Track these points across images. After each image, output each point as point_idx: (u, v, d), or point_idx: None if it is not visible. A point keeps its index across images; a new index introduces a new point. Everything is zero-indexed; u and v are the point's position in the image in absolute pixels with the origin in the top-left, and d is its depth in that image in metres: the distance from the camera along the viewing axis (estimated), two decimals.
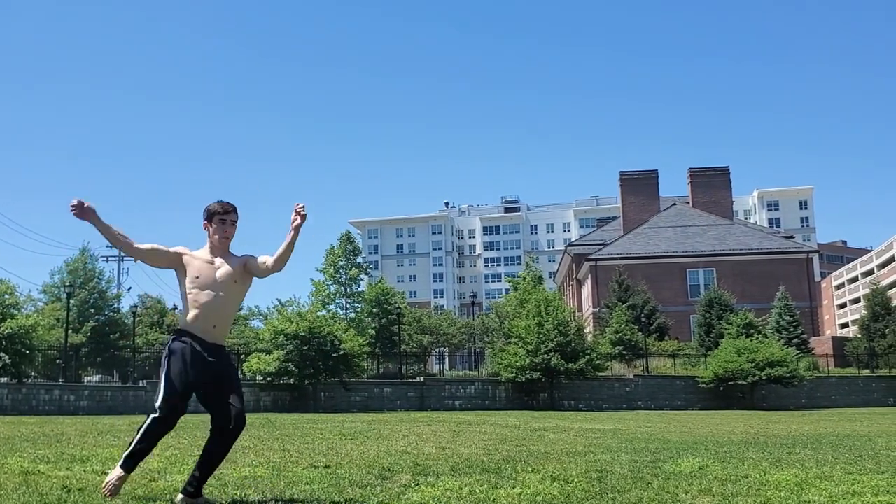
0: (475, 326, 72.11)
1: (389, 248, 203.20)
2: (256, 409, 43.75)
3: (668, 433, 20.44)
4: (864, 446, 15.36)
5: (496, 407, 46.84)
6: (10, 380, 38.96)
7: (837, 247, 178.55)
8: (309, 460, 11.60)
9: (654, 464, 11.48)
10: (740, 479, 9.54)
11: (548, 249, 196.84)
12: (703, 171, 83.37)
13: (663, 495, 8.02)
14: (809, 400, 50.91)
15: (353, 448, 14.12)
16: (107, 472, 9.53)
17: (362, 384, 48.24)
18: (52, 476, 9.17)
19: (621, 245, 76.11)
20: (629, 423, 26.71)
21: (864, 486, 8.93)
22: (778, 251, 73.90)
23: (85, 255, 68.29)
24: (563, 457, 12.61)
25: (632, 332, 57.48)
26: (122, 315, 68.91)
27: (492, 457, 12.49)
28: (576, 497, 7.85)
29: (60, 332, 47.38)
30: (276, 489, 8.14)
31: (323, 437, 17.14)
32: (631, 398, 49.20)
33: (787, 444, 15.78)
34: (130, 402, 41.86)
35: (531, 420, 27.49)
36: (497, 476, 9.60)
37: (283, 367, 43.90)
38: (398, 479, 9.12)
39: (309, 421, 27.57)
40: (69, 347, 47.77)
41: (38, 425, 22.46)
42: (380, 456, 12.47)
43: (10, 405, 37.71)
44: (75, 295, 56.73)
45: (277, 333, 44.83)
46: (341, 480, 8.92)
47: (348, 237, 69.05)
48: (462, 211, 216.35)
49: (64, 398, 40.11)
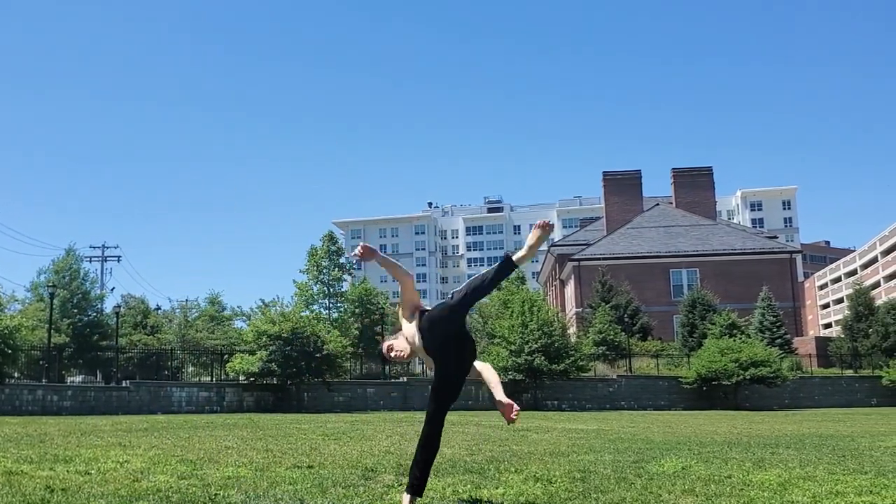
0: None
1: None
2: (240, 409, 43.74)
3: (651, 433, 20.49)
4: (848, 446, 15.42)
5: (479, 407, 46.75)
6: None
7: (821, 247, 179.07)
8: (292, 460, 11.60)
9: (638, 464, 11.51)
10: (723, 479, 9.58)
11: None
12: (686, 172, 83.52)
13: (646, 495, 8.05)
14: (793, 400, 51.06)
15: (336, 448, 14.12)
16: (89, 472, 9.54)
17: (345, 384, 48.21)
18: (36, 476, 9.15)
19: (604, 245, 76.19)
20: (612, 424, 26.77)
21: (848, 486, 8.97)
22: (761, 251, 74.04)
23: (71, 255, 68.05)
24: (546, 457, 12.63)
25: (615, 332, 57.58)
26: (106, 316, 68.66)
27: (475, 457, 12.51)
28: (559, 497, 7.87)
29: (44, 332, 47.21)
30: (260, 489, 8.15)
31: (306, 438, 17.13)
32: (614, 398, 49.25)
33: (770, 445, 15.84)
34: (113, 402, 41.72)
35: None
36: (480, 476, 9.61)
37: (267, 368, 43.87)
38: (381, 480, 9.14)
39: (292, 421, 27.56)
40: (52, 348, 47.57)
41: (21, 425, 22.40)
42: (363, 456, 12.48)
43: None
44: (58, 295, 56.49)
45: (260, 334, 44.79)
46: (324, 480, 8.93)
47: (331, 237, 69.07)
48: (445, 211, 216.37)
49: (47, 398, 39.95)
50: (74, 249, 69.06)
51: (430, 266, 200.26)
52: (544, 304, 52.01)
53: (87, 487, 8.14)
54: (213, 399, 44.19)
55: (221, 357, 50.31)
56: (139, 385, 43.76)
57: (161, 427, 21.70)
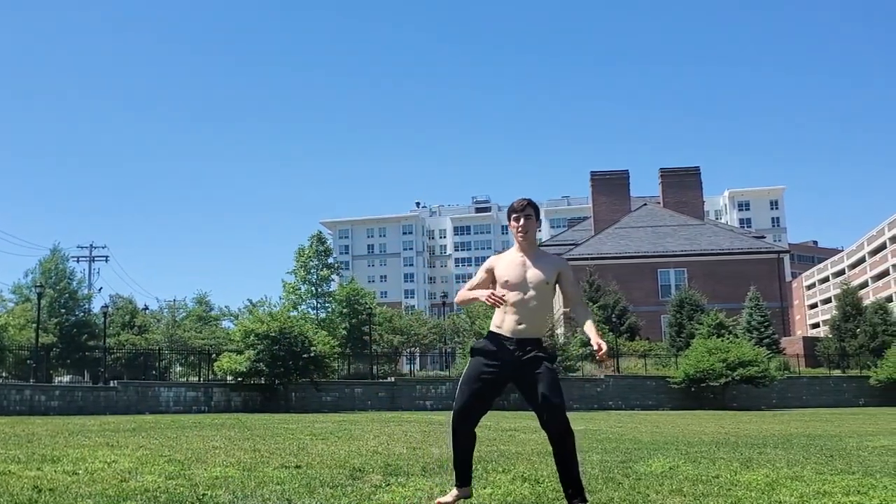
0: (446, 327, 71.99)
1: (360, 248, 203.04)
2: (227, 409, 43.69)
3: (638, 433, 20.51)
4: (835, 446, 15.45)
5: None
6: None
7: (808, 247, 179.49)
8: (280, 460, 11.59)
9: (625, 464, 11.52)
10: (711, 479, 9.58)
11: None
12: (674, 172, 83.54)
13: (634, 495, 8.06)
14: (780, 400, 51.13)
15: (324, 448, 14.11)
16: (77, 472, 9.52)
17: (333, 384, 48.13)
18: (23, 476, 9.14)
19: (592, 245, 76.16)
20: (600, 424, 26.78)
21: (835, 486, 8.97)
22: (749, 251, 74.08)
23: (56, 256, 67.90)
24: (533, 457, 12.63)
25: (602, 332, 57.56)
26: (94, 315, 68.51)
27: None
28: (546, 497, 7.88)
29: (31, 333, 47.09)
30: (247, 489, 8.13)
31: (294, 437, 17.12)
32: (602, 398, 49.27)
33: (757, 445, 15.86)
34: (101, 402, 41.64)
35: (502, 420, 27.51)
36: None
37: (254, 367, 43.80)
38: (369, 480, 9.13)
39: (280, 421, 27.53)
40: (40, 347, 47.46)
41: (8, 425, 22.36)
42: (350, 456, 12.47)
43: None
44: (45, 295, 56.34)
45: (248, 333, 44.69)
46: (312, 480, 8.92)
47: (319, 237, 68.97)
48: (433, 211, 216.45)
49: (35, 398, 39.88)
50: (60, 249, 69.00)
51: (418, 266, 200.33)
52: None
53: (75, 487, 8.12)
54: (201, 399, 44.12)
55: (209, 357, 50.23)
56: (127, 385, 43.67)
57: (149, 427, 21.67)
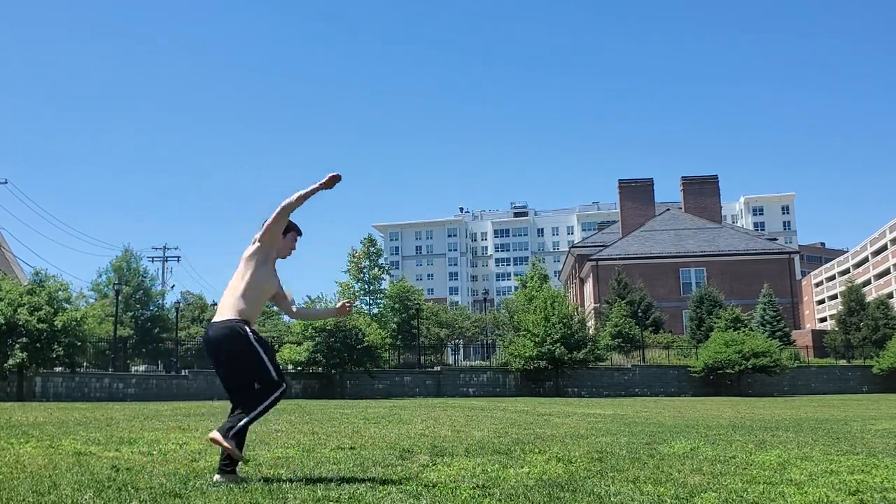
0: (487, 321, 71.96)
1: (409, 249, 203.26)
2: (287, 395, 43.76)
3: (662, 418, 20.38)
4: (841, 430, 15.28)
5: (506, 394, 46.75)
6: (65, 369, 39.10)
7: (817, 248, 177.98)
8: (336, 442, 11.57)
9: (650, 445, 11.44)
10: (728, 459, 9.50)
11: (553, 251, 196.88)
12: (694, 180, 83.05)
13: (658, 474, 7.99)
14: (791, 387, 50.72)
15: (375, 431, 14.09)
16: (152, 453, 9.57)
17: (385, 373, 48.22)
18: (103, 457, 9.17)
19: (620, 246, 75.90)
20: (627, 409, 26.64)
21: (841, 465, 8.88)
22: (762, 252, 73.59)
23: (127, 255, 68.38)
24: (567, 439, 12.57)
25: (630, 325, 57.42)
26: (167, 310, 68.89)
27: (502, 439, 12.46)
28: (579, 475, 7.83)
29: (109, 326, 47.45)
30: (306, 468, 8.13)
31: (348, 422, 17.11)
32: (629, 386, 49.06)
33: (770, 428, 15.71)
34: (174, 389, 41.97)
35: (538, 406, 27.43)
36: (507, 457, 9.57)
37: (313, 358, 44.02)
38: (417, 460, 9.10)
39: (336, 406, 27.55)
40: (118, 339, 47.82)
41: (89, 410, 22.49)
42: (400, 438, 12.44)
43: (65, 392, 37.90)
44: (122, 291, 56.74)
45: (307, 327, 44.91)
46: (365, 461, 8.91)
47: (371, 240, 69.02)
48: (475, 216, 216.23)
49: (113, 386, 40.23)
50: (131, 249, 69.53)
51: (462, 266, 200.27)
52: (565, 300, 51.88)
53: (150, 467, 8.15)
54: None
55: (272, 347, 50.36)
56: (197, 374, 43.94)
57: (217, 412, 21.73)
